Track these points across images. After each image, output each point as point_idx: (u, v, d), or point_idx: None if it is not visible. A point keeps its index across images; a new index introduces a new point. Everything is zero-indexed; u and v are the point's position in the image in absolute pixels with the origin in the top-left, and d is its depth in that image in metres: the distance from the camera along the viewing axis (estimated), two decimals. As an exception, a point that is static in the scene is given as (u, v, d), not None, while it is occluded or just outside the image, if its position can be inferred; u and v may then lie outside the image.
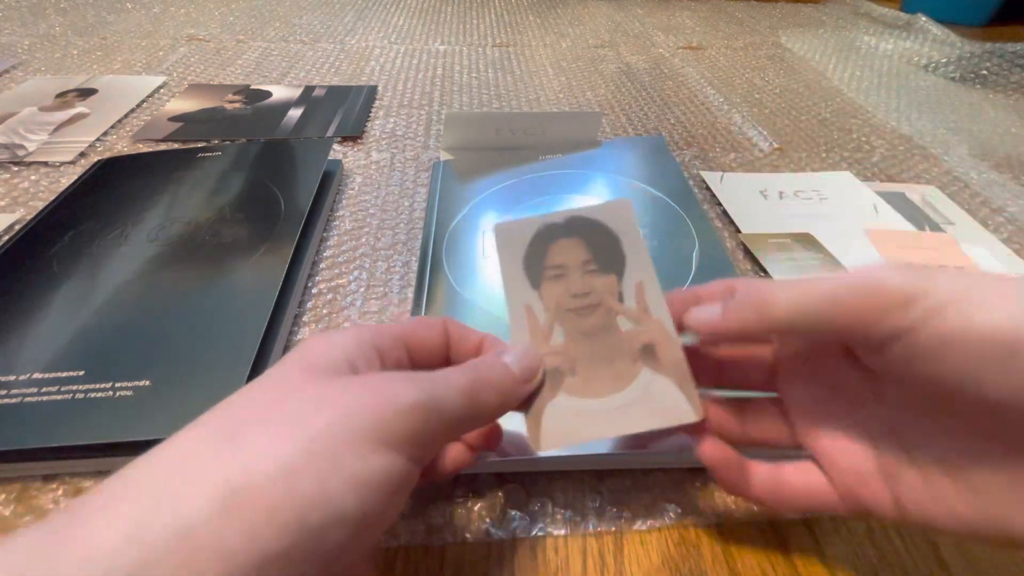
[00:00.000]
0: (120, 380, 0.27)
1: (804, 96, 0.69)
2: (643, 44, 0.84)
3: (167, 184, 0.43)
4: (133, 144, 0.52)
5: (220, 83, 0.65)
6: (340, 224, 0.43)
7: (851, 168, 0.53)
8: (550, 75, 0.72)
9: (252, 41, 0.78)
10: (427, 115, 0.60)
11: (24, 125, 0.53)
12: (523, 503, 0.26)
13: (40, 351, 0.29)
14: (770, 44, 0.87)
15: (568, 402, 0.22)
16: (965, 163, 0.55)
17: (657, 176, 0.47)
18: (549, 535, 0.24)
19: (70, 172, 0.47)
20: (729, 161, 0.54)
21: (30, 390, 0.26)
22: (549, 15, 0.96)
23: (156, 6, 0.89)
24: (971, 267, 0.40)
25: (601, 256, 0.24)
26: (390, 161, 0.51)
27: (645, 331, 0.23)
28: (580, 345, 0.23)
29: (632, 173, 0.47)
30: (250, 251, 0.36)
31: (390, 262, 0.39)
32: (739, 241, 0.42)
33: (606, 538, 0.25)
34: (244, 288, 0.33)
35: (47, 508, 0.24)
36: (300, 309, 0.35)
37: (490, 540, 0.24)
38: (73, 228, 0.38)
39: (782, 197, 0.48)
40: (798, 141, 0.58)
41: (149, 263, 0.35)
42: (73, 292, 0.32)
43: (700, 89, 0.70)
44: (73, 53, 0.70)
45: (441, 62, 0.74)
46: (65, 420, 0.25)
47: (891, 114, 0.65)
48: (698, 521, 0.25)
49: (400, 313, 0.35)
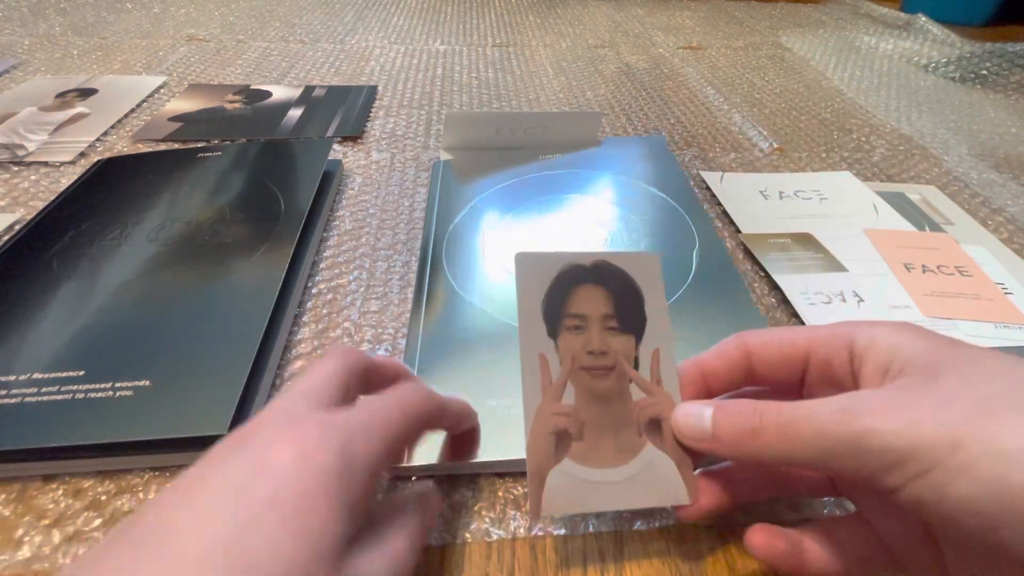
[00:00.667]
0: (120, 380, 0.27)
1: (804, 96, 0.69)
2: (643, 44, 0.84)
3: (167, 184, 0.42)
4: (133, 144, 0.52)
5: (220, 83, 0.65)
6: (340, 224, 0.43)
7: (851, 168, 0.53)
8: (550, 75, 0.72)
9: (252, 41, 0.78)
10: (427, 115, 0.60)
11: (24, 125, 0.53)
12: (523, 503, 0.25)
13: (40, 351, 0.29)
14: (770, 44, 0.87)
15: (572, 469, 0.21)
16: (965, 163, 0.55)
17: (657, 175, 0.47)
18: (549, 535, 0.24)
19: (70, 172, 0.47)
20: (729, 161, 0.54)
21: (30, 390, 0.26)
22: (549, 15, 0.96)
23: (156, 6, 0.89)
24: (971, 267, 0.39)
25: (623, 313, 0.23)
26: (390, 161, 0.51)
27: (655, 404, 0.22)
28: (590, 408, 0.22)
29: (632, 172, 0.47)
30: (250, 251, 0.36)
31: (390, 262, 0.39)
32: (739, 241, 0.42)
33: (606, 538, 0.24)
34: (244, 288, 0.33)
35: (47, 508, 0.24)
36: (300, 309, 0.35)
37: (490, 540, 0.24)
38: (73, 228, 0.38)
39: (782, 197, 0.48)
40: (798, 141, 0.58)
41: (149, 263, 0.35)
42: (73, 292, 0.32)
43: (700, 89, 0.70)
44: (73, 53, 0.70)
45: (441, 62, 0.74)
46: (65, 420, 0.25)
47: (891, 114, 0.65)
48: (698, 521, 0.25)
49: (400, 313, 0.35)
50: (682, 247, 0.39)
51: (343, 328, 0.34)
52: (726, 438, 0.19)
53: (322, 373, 0.20)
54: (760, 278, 0.39)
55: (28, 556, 0.23)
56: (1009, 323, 0.35)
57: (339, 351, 0.21)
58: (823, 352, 0.20)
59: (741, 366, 0.22)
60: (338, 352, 0.21)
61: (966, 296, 0.37)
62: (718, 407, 0.20)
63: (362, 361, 0.21)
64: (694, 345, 0.30)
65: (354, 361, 0.21)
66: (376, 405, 0.19)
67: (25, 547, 0.23)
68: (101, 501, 0.25)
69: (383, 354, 0.32)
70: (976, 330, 0.35)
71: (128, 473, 0.26)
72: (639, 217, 0.42)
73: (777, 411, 0.18)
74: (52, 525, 0.24)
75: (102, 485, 0.25)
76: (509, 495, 0.26)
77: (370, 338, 0.33)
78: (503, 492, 0.26)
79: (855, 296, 0.37)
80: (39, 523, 0.24)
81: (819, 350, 0.21)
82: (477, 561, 0.24)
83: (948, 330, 0.35)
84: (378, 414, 0.19)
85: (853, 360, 0.20)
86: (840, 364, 0.20)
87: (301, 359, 0.32)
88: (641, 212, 0.42)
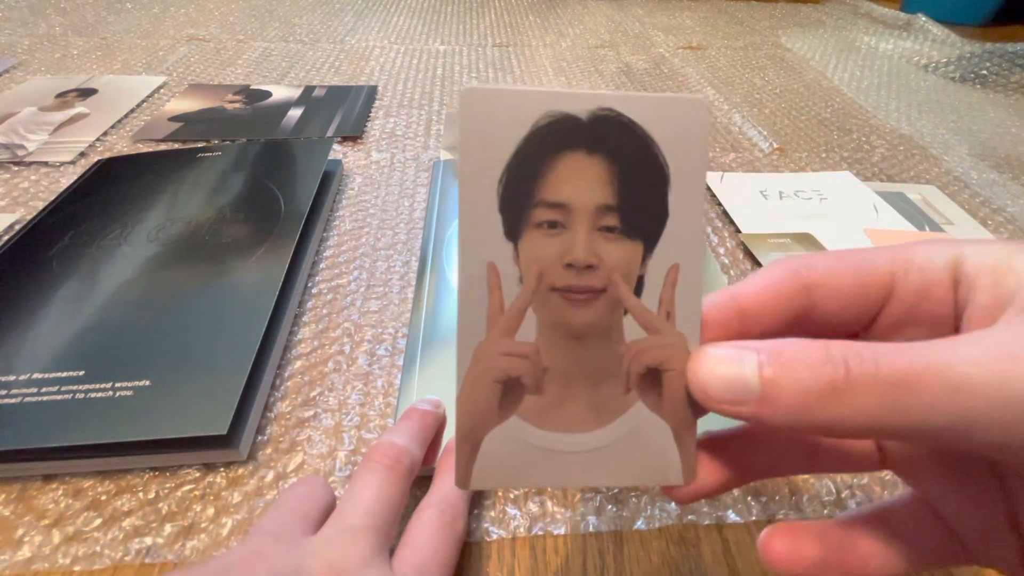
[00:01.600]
0: (120, 380, 0.27)
1: (804, 96, 0.69)
2: (643, 44, 0.84)
3: (167, 184, 0.42)
4: (133, 144, 0.52)
5: (220, 83, 0.65)
6: (340, 224, 0.43)
7: (851, 168, 0.53)
8: (550, 75, 0.72)
9: (252, 41, 0.78)
10: (427, 115, 0.60)
11: (24, 125, 0.53)
12: (523, 503, 0.26)
13: (40, 351, 0.29)
14: (770, 44, 0.87)
15: (522, 431, 0.15)
16: (965, 163, 0.55)
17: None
18: (549, 534, 0.24)
19: (70, 172, 0.47)
20: (729, 161, 0.54)
21: (30, 390, 0.26)
22: (549, 15, 0.96)
23: (156, 6, 0.89)
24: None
25: (631, 205, 0.15)
26: (390, 161, 0.51)
27: (659, 347, 0.15)
28: (558, 349, 0.15)
29: None
30: (250, 251, 0.36)
31: (390, 262, 0.39)
32: (739, 241, 0.42)
33: (606, 538, 0.24)
34: (244, 288, 0.33)
35: (47, 508, 0.24)
36: (300, 309, 0.35)
37: (490, 540, 0.24)
38: (73, 228, 0.38)
39: (782, 197, 0.48)
40: (798, 141, 0.58)
41: (149, 263, 0.35)
42: (73, 292, 0.32)
43: (700, 89, 0.70)
44: (73, 53, 0.70)
45: (441, 62, 0.74)
46: (65, 420, 0.25)
47: (891, 114, 0.65)
48: (698, 521, 0.25)
49: (400, 313, 0.35)
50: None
51: (343, 328, 0.34)
52: (785, 399, 0.12)
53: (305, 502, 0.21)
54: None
55: (28, 556, 0.23)
56: (1009, 323, 0.35)
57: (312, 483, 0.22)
58: (915, 278, 0.15)
59: (796, 303, 0.15)
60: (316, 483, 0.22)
61: (966, 296, 0.37)
62: (770, 352, 0.13)
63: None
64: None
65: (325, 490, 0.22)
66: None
67: (25, 547, 0.23)
68: (101, 501, 0.25)
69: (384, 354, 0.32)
70: (976, 330, 0.35)
71: (128, 473, 0.26)
72: None
73: (873, 358, 0.12)
74: (52, 525, 0.24)
75: (102, 485, 0.25)
76: (508, 494, 0.26)
77: (370, 338, 0.33)
78: (502, 491, 0.26)
79: (855, 296, 0.37)
80: (39, 523, 0.24)
81: (909, 276, 0.15)
82: (477, 561, 0.24)
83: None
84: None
85: (959, 288, 0.14)
86: (940, 294, 0.14)
87: (301, 359, 0.32)
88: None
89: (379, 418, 0.29)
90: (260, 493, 0.25)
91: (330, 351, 0.32)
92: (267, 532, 0.19)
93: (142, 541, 0.23)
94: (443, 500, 0.22)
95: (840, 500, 0.26)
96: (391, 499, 0.20)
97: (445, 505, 0.22)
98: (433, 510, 0.21)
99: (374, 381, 0.31)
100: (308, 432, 0.28)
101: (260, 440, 0.27)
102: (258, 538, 0.19)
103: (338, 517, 0.20)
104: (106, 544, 0.23)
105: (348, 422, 0.29)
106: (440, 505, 0.22)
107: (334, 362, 0.32)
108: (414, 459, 0.22)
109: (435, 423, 0.25)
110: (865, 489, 0.26)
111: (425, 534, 0.20)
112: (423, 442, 0.24)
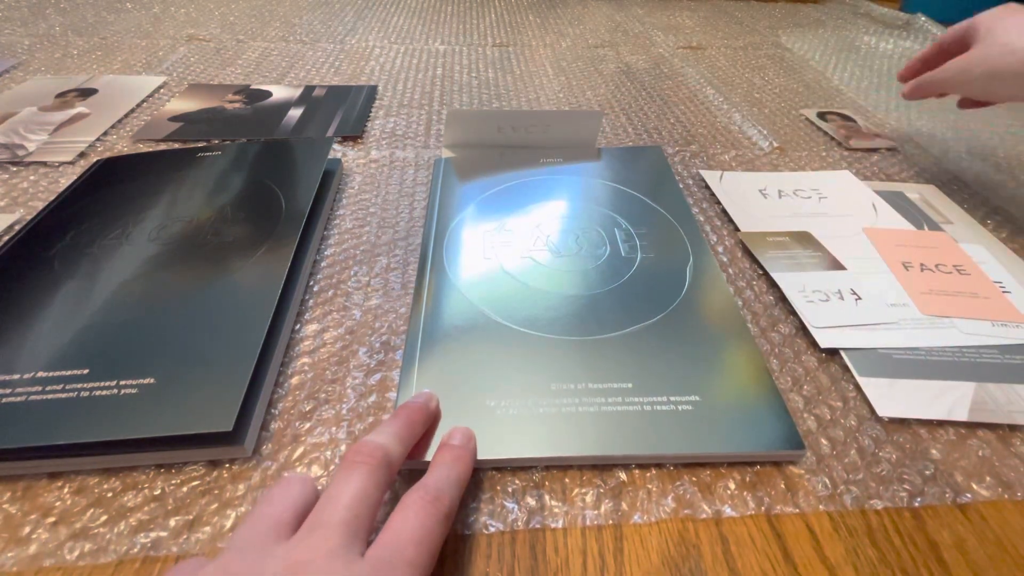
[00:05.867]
0: (124, 378, 0.27)
1: (804, 96, 0.69)
2: (643, 44, 0.85)
3: (167, 184, 0.43)
4: (133, 144, 0.52)
5: (220, 83, 0.65)
6: (341, 223, 0.43)
7: (850, 167, 0.53)
8: (550, 75, 0.72)
9: (252, 41, 0.78)
10: (427, 115, 0.60)
11: (24, 125, 0.53)
12: (521, 496, 0.26)
13: (44, 350, 0.29)
14: (770, 44, 0.87)
15: None
16: (964, 162, 0.55)
17: (654, 188, 0.46)
18: (547, 528, 0.25)
19: (70, 172, 0.47)
20: (729, 160, 0.54)
21: (34, 388, 0.27)
22: (549, 15, 0.96)
23: (156, 6, 0.89)
24: (969, 265, 0.40)
25: None
26: (390, 160, 0.51)
27: None
28: None
29: (630, 184, 0.47)
30: (252, 250, 0.36)
31: (391, 260, 0.39)
32: (738, 239, 0.43)
33: (606, 538, 0.25)
34: (247, 286, 0.33)
35: (53, 505, 0.24)
36: (302, 307, 0.35)
37: (489, 534, 0.24)
38: (74, 228, 0.38)
39: (781, 196, 0.48)
40: (798, 140, 0.58)
41: (151, 262, 0.35)
42: (75, 291, 0.33)
43: (700, 89, 0.70)
44: (73, 53, 0.70)
45: (441, 62, 0.74)
46: (70, 418, 0.25)
47: (891, 114, 0.65)
48: (698, 520, 0.25)
49: (401, 311, 0.35)
50: (676, 260, 0.38)
51: (345, 325, 0.34)
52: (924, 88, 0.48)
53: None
54: (759, 276, 0.39)
55: (35, 553, 0.23)
56: (1007, 321, 0.35)
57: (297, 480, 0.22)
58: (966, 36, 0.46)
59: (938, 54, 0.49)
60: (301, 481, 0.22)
61: (964, 294, 0.37)
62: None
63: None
64: (673, 367, 0.31)
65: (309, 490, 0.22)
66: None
67: (32, 544, 0.23)
68: (107, 498, 0.25)
69: (379, 346, 0.32)
70: (974, 328, 0.35)
71: (133, 470, 0.26)
72: (635, 230, 0.41)
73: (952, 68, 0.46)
74: (58, 522, 0.24)
75: (108, 482, 0.25)
76: (507, 489, 0.26)
77: (371, 334, 0.33)
78: (500, 486, 0.26)
79: (853, 294, 0.37)
80: (45, 520, 0.24)
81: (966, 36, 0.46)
82: (476, 561, 0.24)
83: (946, 328, 0.35)
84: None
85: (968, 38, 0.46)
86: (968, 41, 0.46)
87: (304, 356, 0.32)
88: (636, 225, 0.42)
89: (380, 413, 0.29)
90: (265, 484, 0.26)
91: (332, 348, 0.33)
92: (235, 548, 0.19)
93: (147, 535, 0.24)
94: (430, 483, 0.22)
95: (835, 495, 0.26)
96: (368, 494, 0.20)
97: (430, 487, 0.22)
98: (417, 492, 0.21)
99: (374, 377, 0.31)
100: (311, 428, 0.28)
101: (264, 436, 0.28)
102: (226, 556, 0.19)
103: (314, 515, 0.20)
104: (112, 539, 0.23)
105: (349, 417, 0.29)
106: (424, 486, 0.22)
107: (336, 358, 0.32)
108: (394, 456, 0.22)
109: (423, 420, 0.26)
110: (860, 485, 0.27)
111: (405, 514, 0.20)
112: (406, 439, 0.24)
